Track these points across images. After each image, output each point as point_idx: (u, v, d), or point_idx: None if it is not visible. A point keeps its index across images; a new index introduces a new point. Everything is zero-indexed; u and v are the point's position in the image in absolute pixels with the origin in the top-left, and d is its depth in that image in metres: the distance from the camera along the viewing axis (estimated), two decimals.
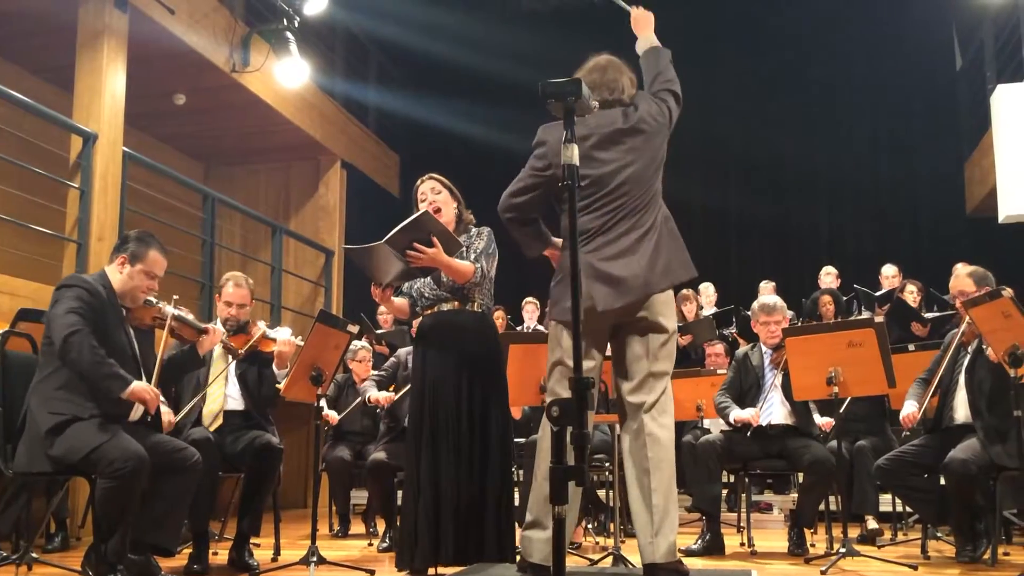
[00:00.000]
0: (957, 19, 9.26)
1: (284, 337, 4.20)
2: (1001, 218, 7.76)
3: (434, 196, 3.61)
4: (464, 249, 3.51)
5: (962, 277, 4.38)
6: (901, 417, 4.37)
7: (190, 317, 3.79)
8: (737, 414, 4.63)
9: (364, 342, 6.29)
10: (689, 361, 6.80)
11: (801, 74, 9.91)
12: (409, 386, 3.94)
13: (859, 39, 9.61)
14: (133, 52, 6.20)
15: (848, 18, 9.58)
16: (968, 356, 4.29)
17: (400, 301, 3.66)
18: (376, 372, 5.54)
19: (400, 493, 4.11)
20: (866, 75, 9.65)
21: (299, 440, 7.81)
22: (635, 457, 2.96)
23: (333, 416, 5.73)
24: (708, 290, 7.95)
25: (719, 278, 8.34)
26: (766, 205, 9.74)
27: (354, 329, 4.64)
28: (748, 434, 4.62)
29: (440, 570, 3.42)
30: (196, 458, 3.53)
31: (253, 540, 4.17)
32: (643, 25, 3.29)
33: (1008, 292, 3.64)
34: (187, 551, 4.00)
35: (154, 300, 3.64)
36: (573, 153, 2.39)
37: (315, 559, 3.95)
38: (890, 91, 9.59)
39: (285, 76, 7.50)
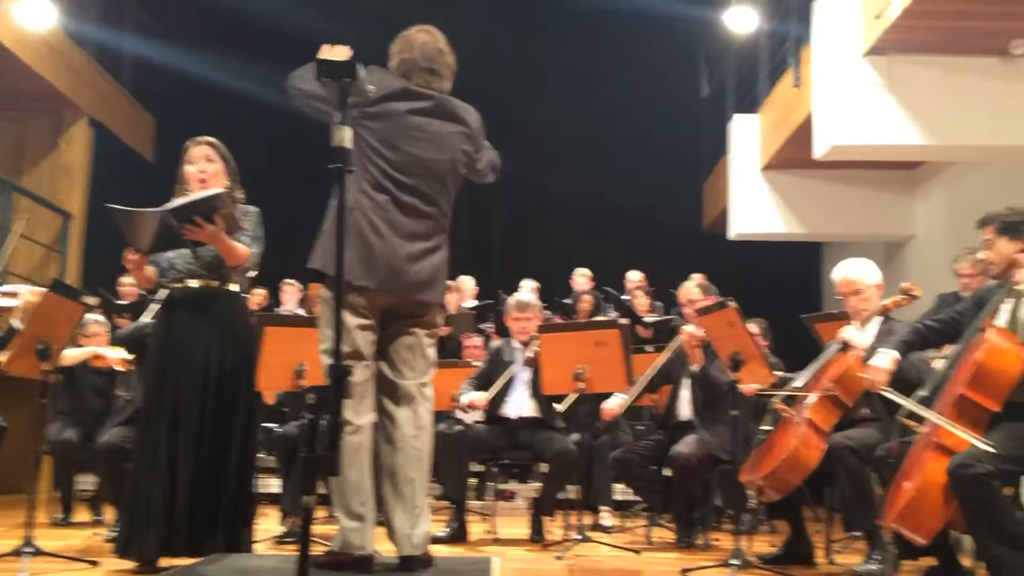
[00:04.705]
0: (705, 50, 10.09)
1: (25, 289, 3.91)
2: (731, 235, 8.60)
3: (205, 163, 3.38)
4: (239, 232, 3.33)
5: (689, 287, 4.87)
6: (602, 408, 4.82)
7: None
8: (467, 398, 4.83)
9: (98, 315, 5.81)
10: (445, 352, 6.91)
11: (553, 93, 10.28)
12: None
13: (614, 62, 10.18)
14: None
15: (604, 42, 10.11)
16: None
17: (150, 269, 3.42)
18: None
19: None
20: (619, 97, 10.25)
21: (19, 419, 7.06)
22: (399, 444, 2.94)
23: None
24: (468, 283, 8.12)
25: (480, 271, 8.54)
26: (526, 213, 10.15)
27: (91, 301, 4.31)
28: (491, 422, 4.82)
29: (172, 561, 3.24)
30: None
31: None
32: None
33: (733, 304, 4.02)
34: None
35: None
36: (346, 136, 2.36)
37: (30, 550, 3.62)
38: (640, 113, 10.22)
39: (27, 17, 6.77)
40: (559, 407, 4.75)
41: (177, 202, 3.15)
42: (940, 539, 3.03)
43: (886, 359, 3.32)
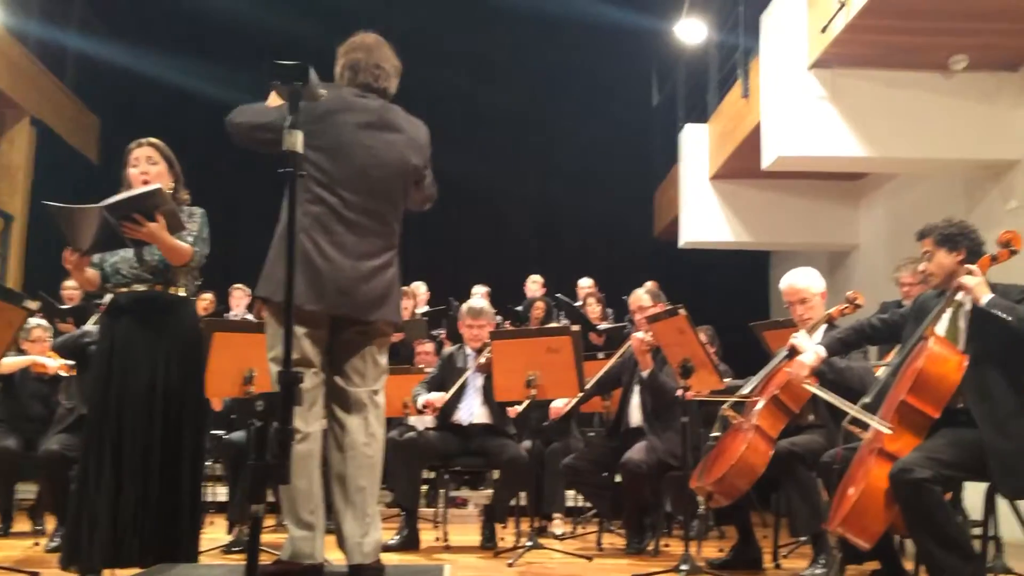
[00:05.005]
0: (656, 59, 10.21)
1: None
2: (681, 243, 8.70)
3: (148, 166, 3.32)
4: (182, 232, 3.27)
5: (639, 294, 4.91)
6: (551, 407, 4.93)
7: None
8: (423, 398, 4.83)
9: (40, 319, 5.67)
10: (398, 359, 6.88)
11: (507, 99, 10.29)
12: None
13: (568, 70, 10.27)
14: None
15: (559, 50, 10.18)
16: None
17: (92, 272, 3.33)
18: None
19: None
20: (574, 104, 10.34)
21: None
22: (350, 452, 2.91)
23: None
24: (420, 288, 8.10)
25: (431, 277, 8.52)
26: (478, 218, 10.18)
27: (33, 306, 4.21)
28: (443, 428, 4.82)
29: (119, 572, 3.17)
30: None
31: None
32: None
33: (683, 311, 4.07)
34: None
35: None
36: (297, 140, 2.33)
37: None
38: (594, 120, 10.31)
39: None
40: (519, 408, 4.79)
41: (115, 198, 3.07)
42: (883, 543, 3.10)
43: (811, 355, 3.42)
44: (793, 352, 3.74)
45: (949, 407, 3.01)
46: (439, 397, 4.82)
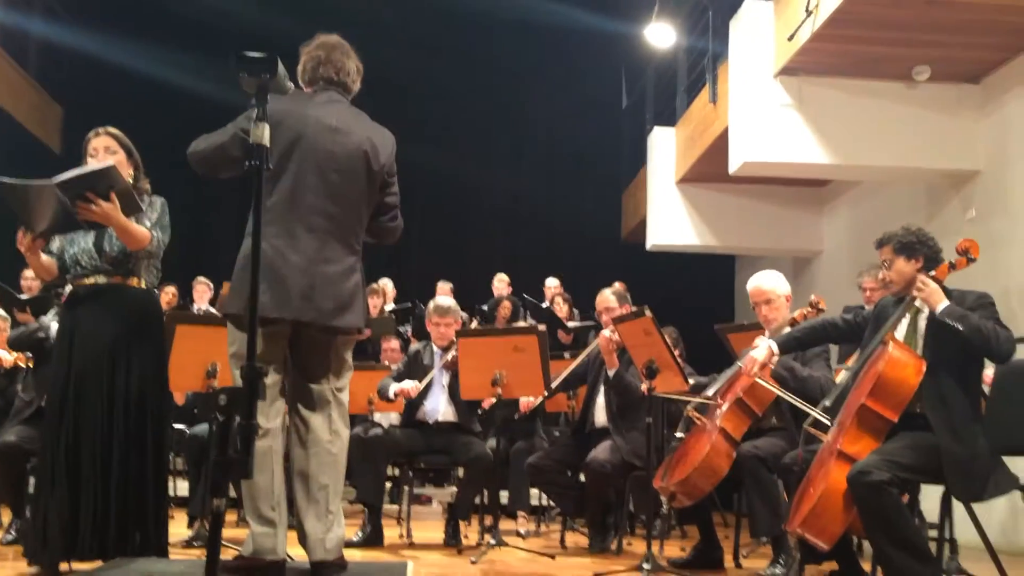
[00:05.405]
0: (626, 61, 10.27)
1: None
2: (648, 245, 8.76)
3: (107, 155, 3.27)
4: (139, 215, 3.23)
5: (605, 295, 4.94)
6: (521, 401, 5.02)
7: None
8: (396, 387, 4.82)
9: None
10: (365, 355, 6.85)
11: (478, 100, 10.29)
12: None
13: (538, 71, 10.28)
14: None
15: (531, 52, 10.19)
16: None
17: (48, 259, 3.27)
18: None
19: (33, 480, 3.71)
20: (544, 104, 10.36)
21: None
22: (313, 449, 2.90)
23: None
24: (387, 286, 8.07)
25: (396, 274, 8.50)
26: (445, 217, 10.16)
27: None
28: (409, 425, 4.81)
29: (76, 565, 3.13)
30: None
31: None
32: None
33: (649, 312, 4.10)
34: None
35: None
36: (263, 133, 2.31)
37: None
38: (564, 121, 10.34)
39: None
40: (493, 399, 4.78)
41: (67, 174, 3.01)
42: (842, 544, 3.14)
43: (762, 350, 3.48)
44: None
45: (907, 411, 3.06)
46: (413, 386, 4.80)
